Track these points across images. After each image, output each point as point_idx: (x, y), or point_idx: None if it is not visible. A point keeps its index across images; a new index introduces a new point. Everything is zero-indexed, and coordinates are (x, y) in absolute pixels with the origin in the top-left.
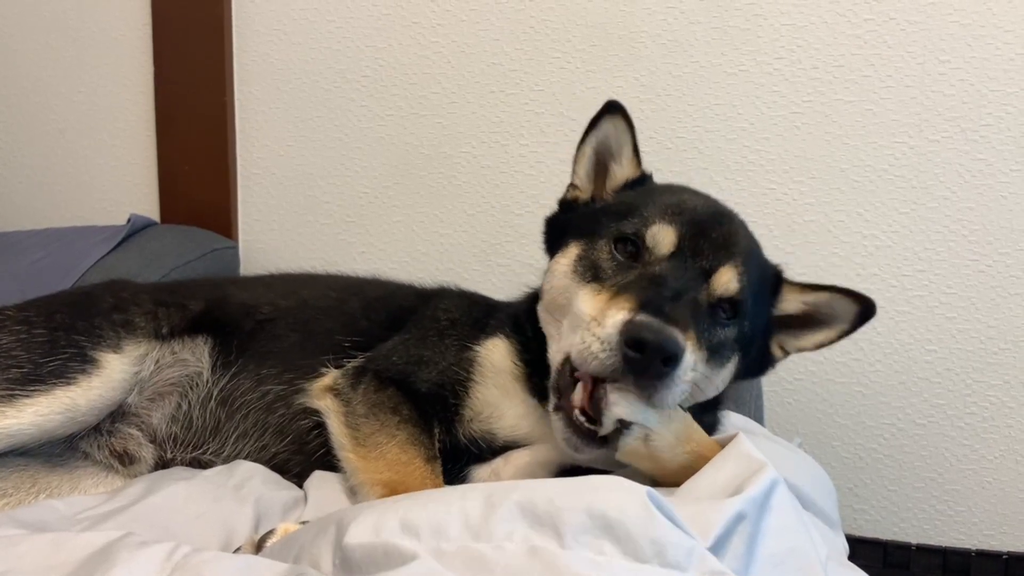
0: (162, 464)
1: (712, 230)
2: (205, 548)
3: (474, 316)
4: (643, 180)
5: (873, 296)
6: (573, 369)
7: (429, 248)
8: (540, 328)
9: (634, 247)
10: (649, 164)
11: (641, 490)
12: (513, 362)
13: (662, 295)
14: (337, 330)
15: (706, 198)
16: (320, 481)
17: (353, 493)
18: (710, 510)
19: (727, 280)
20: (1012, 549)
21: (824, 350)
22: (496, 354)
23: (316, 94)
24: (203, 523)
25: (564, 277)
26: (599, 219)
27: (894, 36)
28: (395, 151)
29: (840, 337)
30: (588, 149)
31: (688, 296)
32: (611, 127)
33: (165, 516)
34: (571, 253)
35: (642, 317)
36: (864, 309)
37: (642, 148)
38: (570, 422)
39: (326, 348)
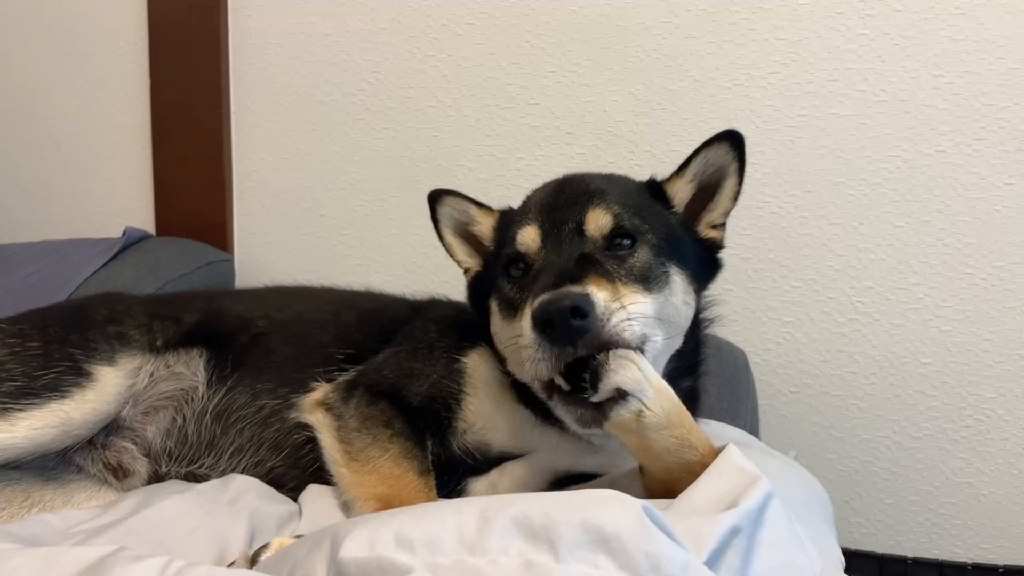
0: (156, 478)
1: (560, 198)
2: (199, 562)
3: (463, 326)
4: (504, 215)
5: (868, 310)
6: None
7: (425, 261)
8: None
9: (520, 262)
10: (644, 178)
11: (636, 504)
12: (501, 371)
13: (548, 276)
14: (331, 343)
15: (549, 182)
16: (315, 495)
17: (346, 508)
18: (705, 524)
19: (597, 219)
20: (1009, 562)
21: (820, 363)
22: (484, 365)
23: (312, 107)
24: (197, 537)
25: (501, 331)
26: (495, 266)
27: (888, 51)
28: (391, 164)
29: (740, 176)
30: (448, 238)
31: (573, 258)
32: (447, 208)
33: (159, 530)
34: (493, 309)
35: (536, 301)
36: (732, 140)
37: (638, 163)
38: (567, 398)
39: (320, 361)
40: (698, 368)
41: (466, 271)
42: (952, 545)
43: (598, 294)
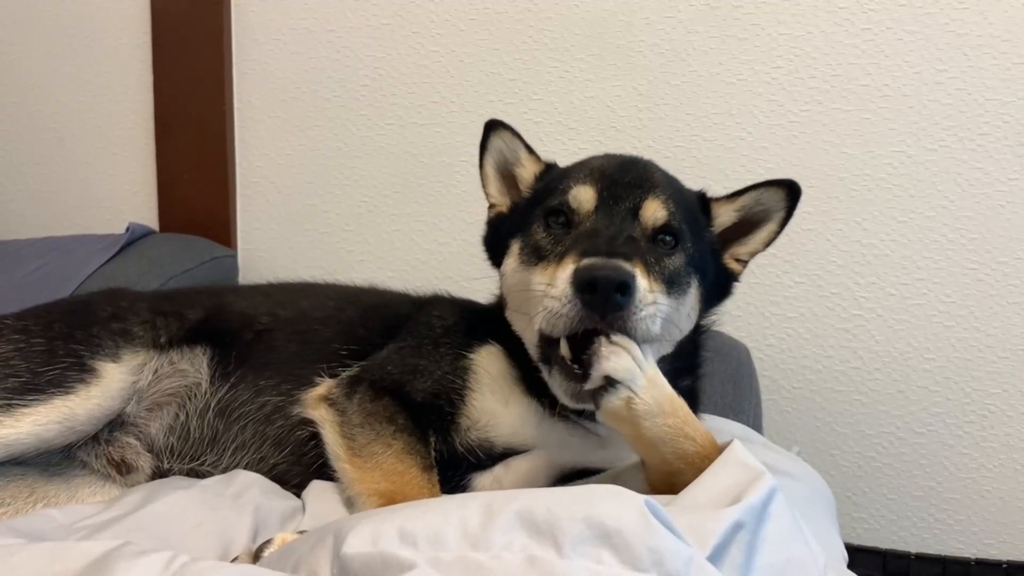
0: (159, 474)
1: (625, 175)
2: (203, 557)
3: (467, 322)
4: (549, 169)
5: (871, 305)
6: (550, 343)
7: (428, 256)
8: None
9: (563, 215)
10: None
11: (639, 499)
12: (510, 365)
13: (599, 241)
14: (334, 339)
15: (612, 155)
16: (319, 491)
17: (350, 504)
18: (708, 519)
19: (654, 210)
20: (1012, 558)
21: (823, 359)
22: (491, 361)
23: (315, 103)
24: (201, 532)
25: (515, 272)
26: (526, 212)
27: (891, 46)
28: (394, 160)
29: (782, 226)
30: (489, 169)
31: (624, 235)
32: (499, 141)
33: (163, 525)
34: (514, 250)
35: (587, 261)
36: (790, 190)
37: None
38: (565, 368)
39: (323, 357)
40: (698, 369)
41: (491, 207)
42: (955, 541)
43: (641, 281)
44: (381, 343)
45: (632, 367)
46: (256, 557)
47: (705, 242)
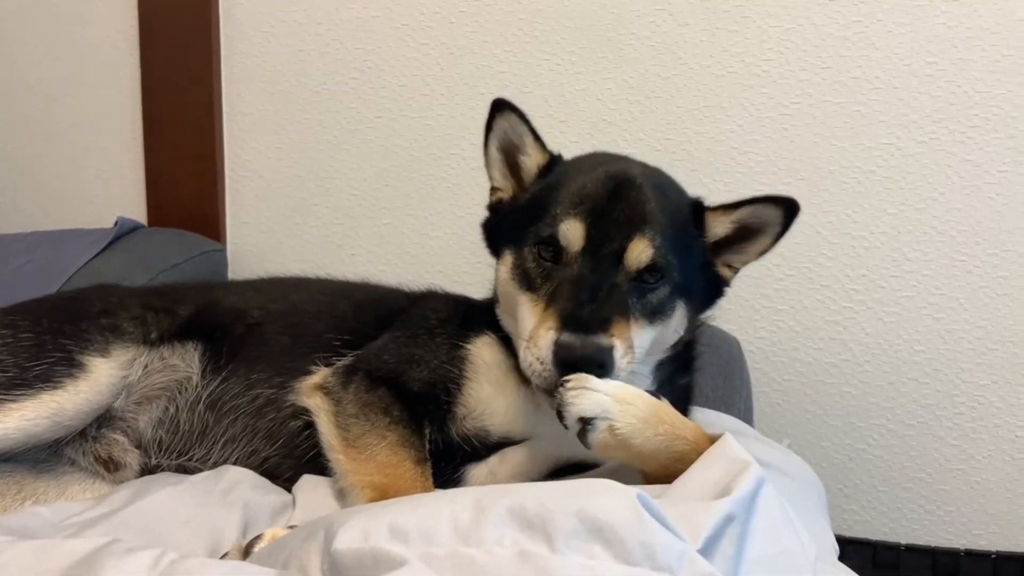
0: (147, 471)
1: (615, 207)
2: (192, 554)
3: (462, 315)
4: (554, 162)
5: (861, 297)
6: None
7: (419, 250)
8: None
9: (552, 248)
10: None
11: (631, 492)
12: (506, 355)
13: (581, 300)
14: (327, 332)
15: (609, 168)
16: (309, 485)
17: (342, 495)
18: (699, 512)
19: (638, 253)
20: (1001, 549)
21: (813, 351)
22: (487, 350)
23: (304, 96)
24: (190, 529)
25: (507, 285)
26: (522, 221)
27: (881, 38)
28: (384, 153)
29: (776, 240)
30: (492, 151)
31: (607, 284)
32: (505, 123)
33: (152, 522)
34: (507, 262)
35: (566, 337)
36: (788, 208)
37: (630, 151)
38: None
39: (316, 349)
40: (693, 363)
41: (494, 190)
42: (945, 532)
43: (619, 347)
44: (375, 336)
45: (598, 399)
46: (246, 553)
47: (695, 256)
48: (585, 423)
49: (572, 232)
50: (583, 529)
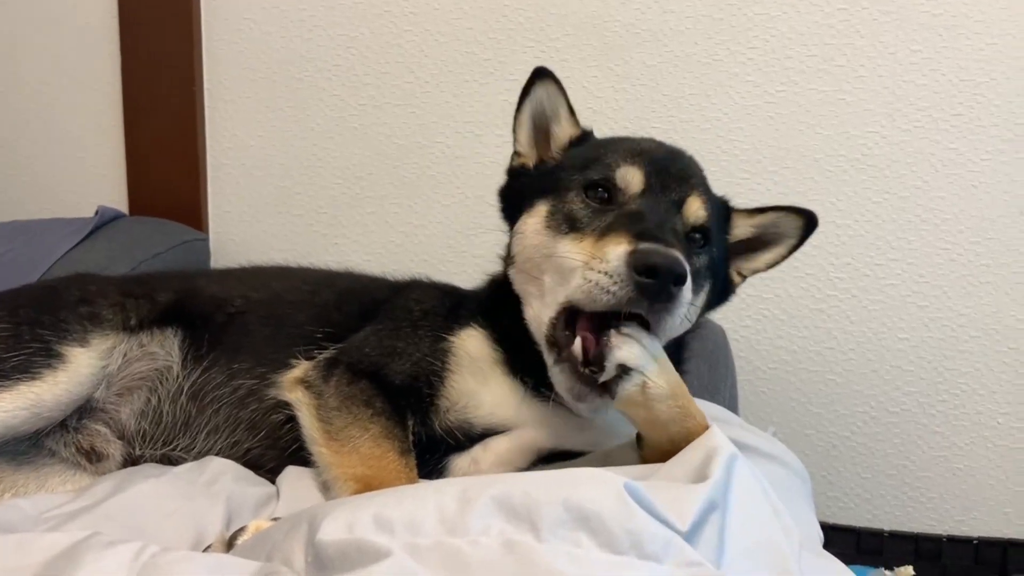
0: (130, 461)
1: (672, 165)
2: (175, 547)
3: (447, 306)
4: (585, 137)
5: (846, 285)
6: (568, 320)
7: (403, 239)
8: (512, 309)
9: (605, 191)
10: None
11: (618, 481)
12: (491, 347)
13: (649, 226)
14: (309, 322)
15: (656, 140)
16: (293, 477)
17: (326, 488)
18: (682, 498)
19: (696, 208)
20: (982, 534)
21: (798, 339)
22: (472, 343)
23: (287, 83)
24: (173, 521)
25: (538, 234)
26: (558, 176)
27: (866, 26)
28: (368, 141)
29: (789, 252)
30: (525, 116)
31: (668, 226)
32: (543, 92)
33: (134, 514)
34: (540, 211)
35: (646, 245)
36: (808, 221)
37: (608, 137)
38: (574, 371)
39: (298, 340)
40: (682, 364)
41: (516, 154)
42: (927, 518)
43: (688, 275)
44: (358, 327)
45: (644, 354)
46: (229, 545)
47: (722, 249)
48: (623, 372)
49: (631, 175)
50: (569, 518)
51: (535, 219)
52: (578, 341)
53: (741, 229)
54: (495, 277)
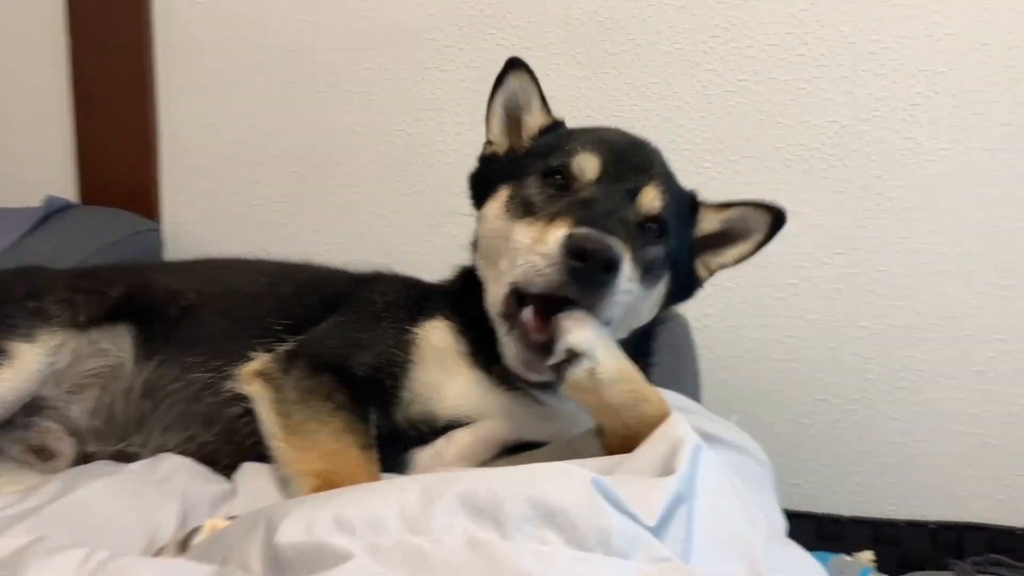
0: (83, 458)
1: (631, 155)
2: (126, 549)
3: (411, 299)
4: (556, 126)
5: (807, 275)
6: (518, 300)
7: (365, 229)
8: (478, 302)
9: (562, 178)
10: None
11: (585, 476)
12: (456, 339)
13: (596, 214)
14: (268, 315)
15: (621, 131)
16: (251, 473)
17: (285, 484)
18: (649, 492)
19: (651, 198)
20: (940, 519)
21: (760, 328)
22: (436, 334)
23: (241, 69)
24: (125, 521)
25: (497, 219)
26: (524, 162)
27: (826, 15)
28: (326, 129)
29: (757, 248)
30: (497, 106)
31: (618, 215)
32: (516, 82)
33: (84, 515)
34: (502, 196)
35: (581, 230)
36: (776, 218)
37: (578, 126)
38: (523, 338)
39: (256, 333)
40: (649, 358)
41: (488, 143)
42: (886, 503)
43: (626, 266)
44: (318, 319)
45: (593, 338)
46: (184, 546)
47: (685, 242)
48: (571, 357)
49: (587, 163)
50: (535, 515)
51: (497, 203)
52: (528, 309)
53: (708, 223)
54: (464, 267)
